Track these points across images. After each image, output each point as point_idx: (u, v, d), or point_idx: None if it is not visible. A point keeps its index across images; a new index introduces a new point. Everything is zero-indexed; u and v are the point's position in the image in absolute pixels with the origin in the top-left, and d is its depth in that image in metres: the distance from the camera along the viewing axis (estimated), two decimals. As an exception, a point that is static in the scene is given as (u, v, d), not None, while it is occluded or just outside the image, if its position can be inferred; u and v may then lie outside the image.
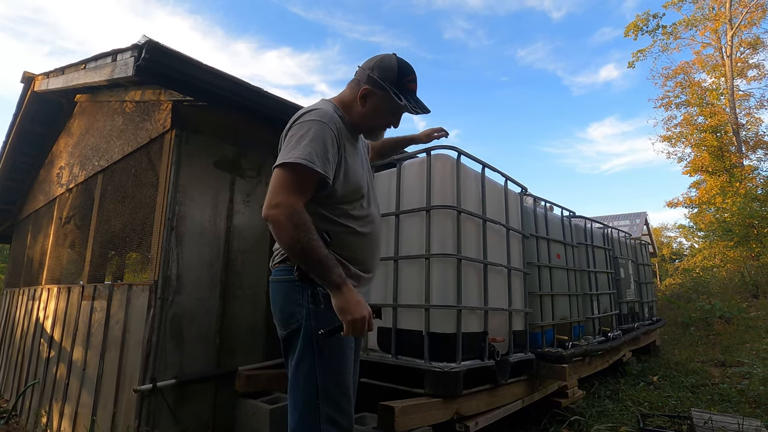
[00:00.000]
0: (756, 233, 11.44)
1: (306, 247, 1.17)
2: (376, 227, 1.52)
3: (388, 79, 1.40)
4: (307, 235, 1.18)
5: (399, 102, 1.40)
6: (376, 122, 1.48)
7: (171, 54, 2.32)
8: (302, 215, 1.20)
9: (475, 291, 2.61)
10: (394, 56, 1.45)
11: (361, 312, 1.19)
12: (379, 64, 1.42)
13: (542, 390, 3.18)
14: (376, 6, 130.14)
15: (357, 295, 1.21)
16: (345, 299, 1.19)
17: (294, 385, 1.31)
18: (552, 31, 66.50)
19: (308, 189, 1.27)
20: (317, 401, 1.26)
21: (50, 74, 4.13)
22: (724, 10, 18.16)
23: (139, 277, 3.86)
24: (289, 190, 1.22)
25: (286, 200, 1.20)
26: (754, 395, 3.74)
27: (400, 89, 1.41)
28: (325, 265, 1.19)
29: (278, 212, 1.19)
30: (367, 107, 1.43)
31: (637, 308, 5.79)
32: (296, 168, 1.23)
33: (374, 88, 1.41)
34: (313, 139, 1.26)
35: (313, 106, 1.39)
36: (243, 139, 3.07)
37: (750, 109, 19.17)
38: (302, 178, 1.24)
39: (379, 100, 1.42)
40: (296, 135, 1.29)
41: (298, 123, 1.33)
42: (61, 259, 4.38)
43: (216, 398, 2.67)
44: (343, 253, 1.37)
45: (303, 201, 1.25)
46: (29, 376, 4.27)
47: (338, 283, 1.19)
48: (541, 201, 3.91)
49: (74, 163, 4.51)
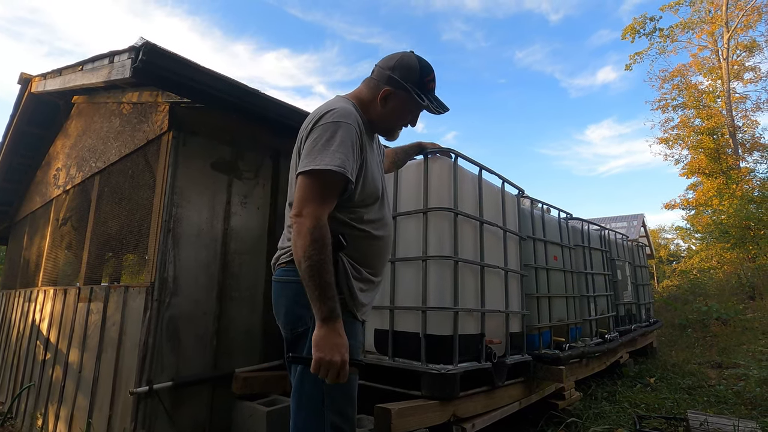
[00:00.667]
0: (752, 235, 11.49)
1: (314, 266, 1.13)
2: (389, 230, 1.50)
3: (409, 80, 1.38)
4: (320, 254, 1.14)
5: (422, 103, 1.39)
6: (396, 123, 1.46)
7: (168, 56, 2.32)
8: (323, 230, 1.17)
9: (472, 293, 2.61)
10: (413, 55, 1.43)
11: (334, 355, 1.10)
12: (399, 63, 1.39)
13: (539, 392, 3.18)
14: (374, 8, 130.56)
15: (340, 338, 1.13)
16: (325, 335, 1.11)
17: (299, 389, 1.27)
18: (550, 33, 66.88)
19: (335, 196, 1.25)
20: (322, 407, 1.22)
21: (47, 75, 4.12)
22: (721, 13, 18.28)
23: (136, 279, 3.85)
24: (317, 199, 1.18)
25: (314, 211, 1.17)
26: (750, 397, 3.75)
27: (421, 89, 1.40)
28: (323, 293, 1.13)
29: (302, 222, 1.16)
30: (387, 108, 1.41)
31: (634, 310, 5.80)
32: (326, 175, 1.19)
33: (396, 89, 1.38)
34: (342, 142, 1.22)
35: (334, 105, 1.33)
36: (240, 140, 3.07)
37: (746, 111, 19.30)
38: (331, 186, 1.21)
39: (401, 101, 1.40)
40: (322, 138, 1.23)
41: (321, 124, 1.27)
42: (57, 261, 4.37)
43: (213, 400, 2.66)
44: (357, 257, 1.35)
45: (328, 211, 1.22)
46: (25, 378, 4.24)
47: (326, 317, 1.13)
48: (538, 203, 3.92)
49: (71, 165, 4.50)
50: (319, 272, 1.13)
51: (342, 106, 1.32)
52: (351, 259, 1.33)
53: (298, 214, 1.18)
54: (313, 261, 1.13)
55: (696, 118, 18.54)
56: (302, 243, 1.15)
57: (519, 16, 76.78)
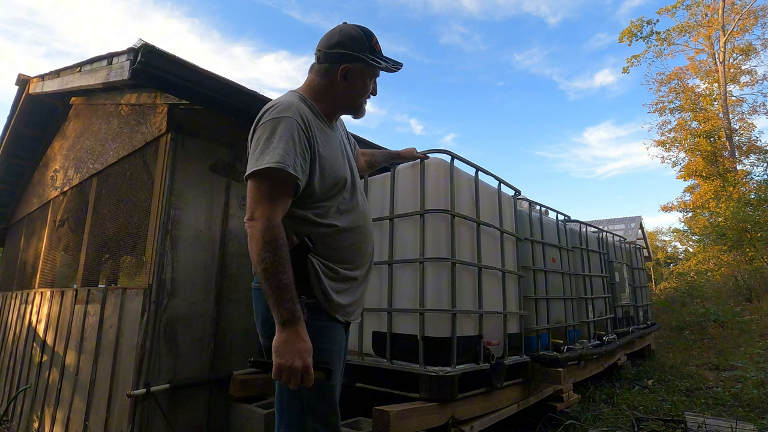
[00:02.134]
0: (749, 237, 11.54)
1: (269, 268, 1.09)
2: (363, 219, 1.41)
3: (361, 49, 1.35)
4: (273, 256, 1.09)
5: (379, 66, 1.36)
6: (360, 96, 1.42)
7: (167, 57, 2.32)
8: (274, 230, 1.12)
9: (470, 294, 2.61)
10: (348, 25, 1.40)
11: (294, 360, 1.05)
12: (343, 38, 1.35)
13: (537, 394, 3.18)
14: (372, 10, 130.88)
15: (302, 342, 1.08)
16: (285, 340, 1.07)
17: (279, 396, 1.26)
18: (548, 36, 67.11)
19: (286, 194, 1.19)
20: (303, 415, 1.21)
21: (45, 77, 4.12)
22: (717, 17, 18.39)
23: (134, 281, 3.83)
24: (265, 201, 1.14)
25: (263, 212, 1.13)
26: (748, 399, 3.76)
27: (373, 53, 1.37)
28: (280, 296, 1.08)
29: (254, 225, 1.13)
30: (351, 84, 1.37)
31: (632, 312, 5.81)
32: (269, 174, 1.15)
33: (353, 63, 1.35)
34: (281, 138, 1.18)
35: (275, 101, 1.30)
36: (239, 142, 3.07)
37: (743, 114, 19.42)
38: (278, 185, 1.16)
39: (360, 72, 1.37)
40: (263, 137, 1.20)
41: (261, 124, 1.24)
42: (54, 263, 4.35)
43: (210, 403, 2.65)
44: (329, 254, 1.29)
45: (281, 211, 1.17)
46: (21, 380, 4.22)
47: (285, 320, 1.08)
48: (536, 205, 3.93)
49: (69, 166, 4.49)
50: (274, 274, 1.09)
51: (283, 100, 1.29)
52: (324, 259, 1.28)
53: (249, 218, 1.15)
54: (267, 263, 1.09)
55: (693, 121, 18.64)
56: (255, 247, 1.11)
57: (517, 18, 77.12)
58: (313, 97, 1.38)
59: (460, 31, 78.61)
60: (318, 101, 1.38)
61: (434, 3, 79.81)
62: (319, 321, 1.25)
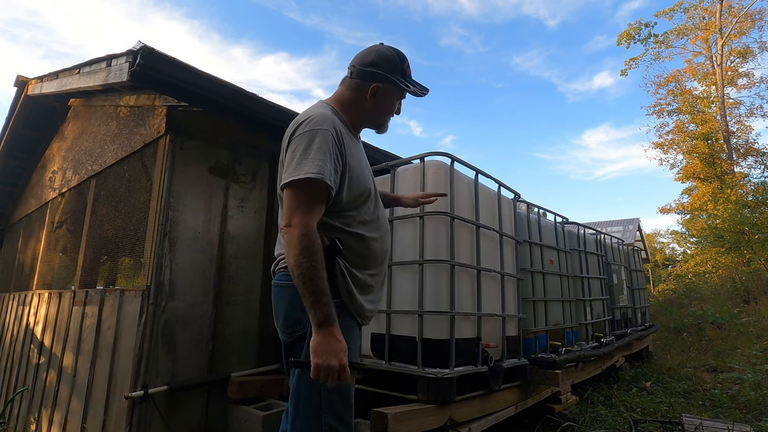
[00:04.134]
0: (747, 239, 11.55)
1: (306, 273, 1.15)
2: (384, 231, 1.49)
3: (394, 72, 1.44)
4: (311, 261, 1.15)
5: (408, 89, 1.45)
6: (387, 115, 1.51)
7: (166, 59, 2.33)
8: (312, 237, 1.18)
9: (469, 297, 2.62)
10: (386, 46, 1.48)
11: (331, 360, 1.11)
12: (379, 58, 1.44)
13: (535, 396, 3.19)
14: (372, 13, 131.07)
15: (338, 342, 1.14)
16: (323, 341, 1.13)
17: (296, 392, 1.28)
18: (547, 38, 67.30)
19: (322, 203, 1.26)
20: (320, 411, 1.23)
21: (44, 78, 4.12)
22: (715, 20, 18.48)
23: (132, 282, 3.83)
24: (303, 207, 1.21)
25: (301, 219, 1.19)
26: (745, 401, 3.77)
27: (404, 77, 1.46)
28: (317, 299, 1.15)
29: (292, 231, 1.19)
30: (378, 103, 1.45)
31: (630, 314, 5.82)
32: (308, 183, 1.21)
33: (383, 84, 1.43)
34: (319, 149, 1.25)
35: (310, 113, 1.36)
36: (237, 144, 3.07)
37: (740, 116, 19.48)
38: (315, 194, 1.23)
39: (389, 93, 1.46)
40: (300, 147, 1.26)
41: (299, 134, 1.30)
42: (52, 264, 4.34)
43: (208, 405, 2.64)
44: (354, 261, 1.36)
45: (317, 218, 1.24)
46: (18, 382, 4.21)
47: (321, 322, 1.14)
48: (534, 207, 3.93)
49: (67, 168, 4.48)
50: (312, 279, 1.15)
51: (319, 112, 1.35)
52: (348, 264, 1.34)
53: (287, 225, 1.22)
54: (304, 269, 1.15)
55: (691, 123, 18.69)
56: (293, 252, 1.17)
57: (517, 21, 77.30)
58: (342, 109, 1.46)
59: (460, 34, 78.84)
60: (346, 113, 1.46)
61: (434, 5, 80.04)
62: (342, 320, 1.29)
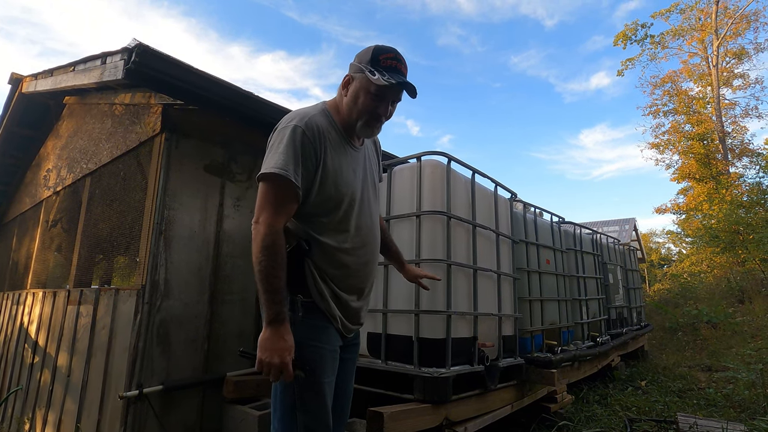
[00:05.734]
0: (741, 239, 11.62)
1: (263, 271, 1.18)
2: (361, 242, 1.39)
3: (363, 61, 1.36)
4: (269, 260, 1.18)
5: (371, 77, 1.31)
6: (362, 109, 1.36)
7: (161, 57, 2.31)
8: (273, 237, 1.20)
9: (465, 296, 2.62)
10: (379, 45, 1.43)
11: (273, 357, 1.15)
12: (360, 52, 1.41)
13: (531, 395, 3.19)
14: (370, 12, 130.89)
15: (283, 341, 1.17)
16: (269, 338, 1.16)
17: (274, 392, 1.31)
18: (545, 38, 67.41)
19: (290, 202, 1.26)
20: (295, 410, 1.26)
21: (38, 76, 4.09)
22: (711, 21, 18.57)
23: (127, 281, 3.81)
24: (270, 206, 1.22)
25: (267, 218, 1.21)
26: (739, 400, 3.79)
27: (374, 66, 1.33)
28: (270, 297, 1.17)
29: (258, 228, 1.21)
30: (349, 94, 1.38)
31: (626, 313, 5.85)
32: (273, 179, 1.23)
33: (354, 74, 1.39)
34: (286, 144, 1.25)
35: (297, 110, 1.38)
36: (233, 143, 3.06)
37: (735, 117, 19.58)
38: (282, 191, 1.23)
39: (361, 84, 1.35)
40: (273, 144, 1.29)
41: (275, 132, 1.33)
42: (47, 263, 4.32)
43: (204, 404, 2.64)
44: (323, 267, 1.32)
45: (285, 217, 1.24)
46: (12, 382, 4.18)
47: (271, 320, 1.17)
48: (531, 207, 3.94)
49: (62, 166, 4.45)
50: (267, 277, 1.18)
51: (301, 110, 1.35)
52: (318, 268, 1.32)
53: (255, 221, 1.23)
54: (262, 266, 1.18)
55: (686, 124, 18.77)
56: (255, 249, 1.20)
57: (514, 21, 77.27)
58: (333, 109, 1.44)
59: (458, 33, 78.84)
60: (336, 113, 1.43)
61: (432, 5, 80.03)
62: (313, 320, 1.31)
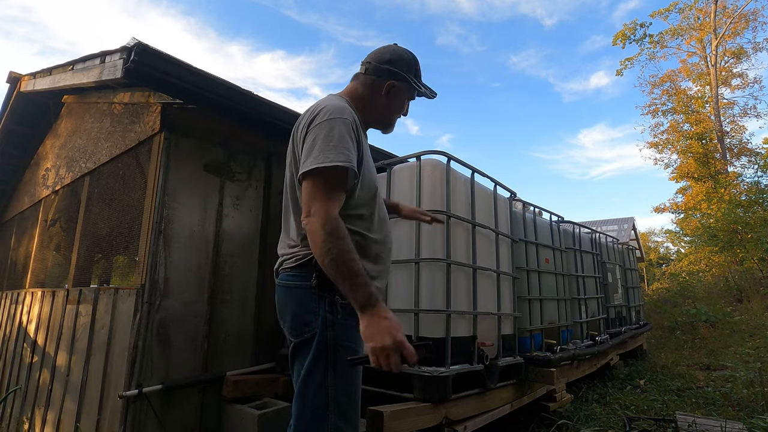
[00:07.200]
0: (740, 239, 11.64)
1: (336, 258, 1.09)
2: (387, 232, 1.43)
3: (409, 71, 1.46)
4: (339, 246, 1.09)
5: (420, 90, 1.48)
6: (395, 114, 1.51)
7: (160, 56, 2.31)
8: (336, 222, 1.13)
9: (465, 295, 2.62)
10: (400, 47, 1.51)
11: (382, 340, 1.02)
12: (396, 57, 1.46)
13: (531, 394, 3.20)
14: (369, 11, 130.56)
15: (387, 320, 1.05)
16: (369, 323, 1.05)
17: (302, 393, 1.23)
18: (544, 38, 67.19)
19: (343, 191, 1.22)
20: (327, 411, 1.20)
21: (37, 75, 4.08)
22: (709, 21, 18.59)
23: (126, 281, 3.81)
24: (323, 195, 1.16)
25: (321, 207, 1.14)
26: (738, 398, 3.80)
27: (417, 77, 1.49)
28: (354, 282, 1.08)
29: (313, 221, 1.14)
30: (391, 101, 1.45)
31: (625, 312, 5.86)
32: (332, 171, 1.17)
33: (398, 82, 1.44)
34: (341, 137, 1.21)
35: (327, 103, 1.31)
36: (233, 142, 3.06)
37: (734, 117, 19.63)
38: (336, 181, 1.19)
39: (402, 92, 1.47)
40: (321, 135, 1.21)
41: (317, 123, 1.25)
42: (45, 262, 4.31)
43: (203, 404, 2.64)
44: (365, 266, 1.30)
45: (338, 206, 1.18)
46: (11, 381, 4.17)
47: (363, 304, 1.07)
48: (530, 206, 3.95)
49: (61, 165, 4.44)
50: (344, 262, 1.08)
51: (335, 103, 1.31)
52: None
53: (307, 215, 1.16)
54: (334, 253, 1.09)
55: (685, 123, 18.79)
56: (318, 240, 1.11)
57: (514, 20, 77.15)
58: (354, 104, 1.43)
59: (457, 32, 78.72)
60: (358, 109, 1.42)
61: (431, 4, 79.92)
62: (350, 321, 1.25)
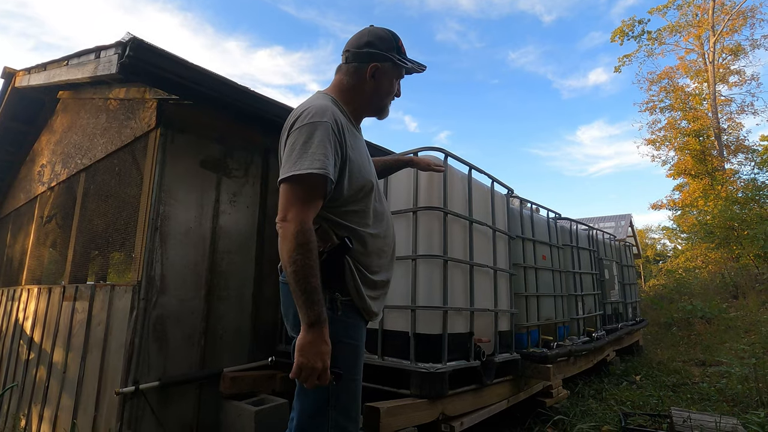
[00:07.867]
0: (736, 235, 11.69)
1: (299, 271, 1.11)
2: (387, 225, 1.43)
3: (390, 49, 1.41)
4: (305, 259, 1.11)
5: (405, 66, 1.42)
6: (387, 97, 1.47)
7: (156, 52, 2.29)
8: (309, 234, 1.14)
9: (462, 292, 2.62)
10: (376, 27, 1.46)
11: (316, 362, 1.09)
12: (373, 37, 1.41)
13: (527, 390, 3.21)
14: (368, 7, 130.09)
15: (326, 345, 1.12)
16: (311, 341, 1.10)
17: (304, 389, 1.25)
18: (543, 34, 67.30)
19: (320, 198, 1.21)
20: (327, 407, 1.22)
21: (32, 70, 4.04)
22: (707, 17, 18.59)
23: (123, 277, 3.80)
24: (300, 203, 1.16)
25: (297, 214, 1.15)
26: (732, 394, 3.83)
27: (400, 53, 1.43)
28: (309, 298, 1.11)
29: (287, 226, 1.15)
30: (377, 83, 1.41)
31: (621, 309, 5.88)
32: (308, 179, 1.17)
33: (382, 62, 1.40)
34: (320, 143, 1.19)
35: (309, 104, 1.30)
36: (230, 138, 3.04)
37: (731, 114, 19.67)
38: (313, 189, 1.19)
39: (388, 71, 1.42)
40: (299, 141, 1.21)
41: (297, 127, 1.24)
42: (41, 259, 4.29)
43: (200, 400, 2.64)
44: (360, 259, 1.31)
45: (314, 214, 1.20)
46: (8, 378, 4.17)
47: (313, 322, 1.11)
48: (527, 203, 3.95)
49: (56, 161, 4.42)
50: (305, 277, 1.11)
51: (318, 104, 1.29)
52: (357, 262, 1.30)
53: (282, 219, 1.17)
54: (298, 266, 1.11)
55: (682, 120, 18.83)
56: (287, 247, 1.13)
57: (512, 16, 77.10)
58: (342, 98, 1.41)
59: (456, 29, 78.59)
60: (347, 103, 1.41)
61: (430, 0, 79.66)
62: (350, 318, 1.29)
